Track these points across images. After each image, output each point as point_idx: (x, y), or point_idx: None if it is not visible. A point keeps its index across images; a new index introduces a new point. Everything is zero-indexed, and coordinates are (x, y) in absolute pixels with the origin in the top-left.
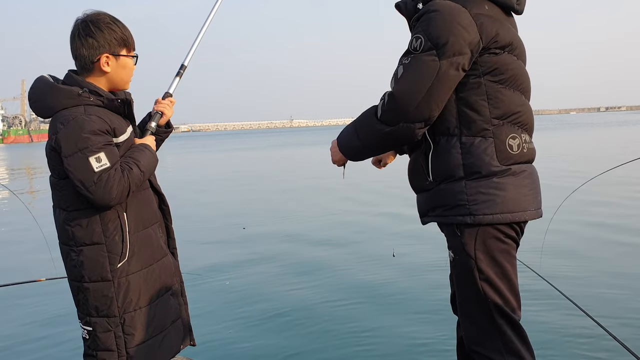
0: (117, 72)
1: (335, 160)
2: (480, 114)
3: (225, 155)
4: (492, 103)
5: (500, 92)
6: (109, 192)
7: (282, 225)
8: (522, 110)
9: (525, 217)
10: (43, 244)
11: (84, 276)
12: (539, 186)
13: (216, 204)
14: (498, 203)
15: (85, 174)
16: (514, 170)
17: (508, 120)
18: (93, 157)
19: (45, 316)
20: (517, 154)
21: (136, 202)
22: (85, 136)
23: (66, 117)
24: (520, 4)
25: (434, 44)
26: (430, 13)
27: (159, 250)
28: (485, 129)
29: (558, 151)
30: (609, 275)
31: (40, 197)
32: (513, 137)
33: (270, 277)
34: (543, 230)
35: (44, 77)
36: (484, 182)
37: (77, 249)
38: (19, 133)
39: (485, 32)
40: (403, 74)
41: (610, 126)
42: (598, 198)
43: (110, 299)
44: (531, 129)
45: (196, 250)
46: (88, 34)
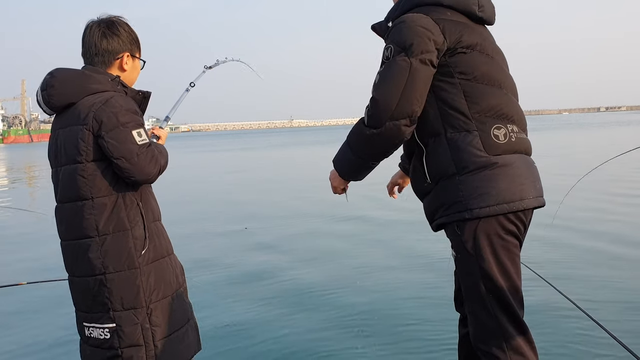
0: (131, 72)
1: (334, 186)
2: (460, 111)
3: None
4: (470, 99)
5: (476, 88)
6: (149, 165)
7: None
8: (503, 103)
9: (524, 205)
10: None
11: (109, 266)
12: (536, 175)
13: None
14: (493, 195)
15: (128, 145)
16: (505, 160)
17: (489, 113)
18: (135, 132)
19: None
20: (505, 142)
21: (147, 194)
22: (126, 112)
23: (102, 98)
24: (483, 12)
25: (402, 47)
26: (396, 25)
27: (169, 245)
28: (468, 123)
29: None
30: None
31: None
32: (498, 128)
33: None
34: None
35: (63, 67)
36: (477, 175)
37: (101, 237)
38: (19, 133)
39: (448, 33)
40: (380, 78)
41: (593, 127)
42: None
43: (137, 288)
44: (519, 121)
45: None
46: (114, 33)
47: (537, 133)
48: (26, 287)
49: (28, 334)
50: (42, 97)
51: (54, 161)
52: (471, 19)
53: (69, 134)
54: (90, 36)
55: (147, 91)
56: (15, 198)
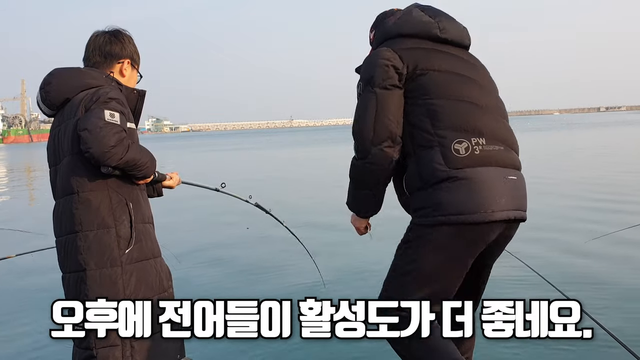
0: (129, 80)
1: (357, 227)
2: (425, 129)
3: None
4: (433, 117)
5: (437, 106)
6: (109, 140)
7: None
8: (470, 117)
9: (482, 218)
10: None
11: (90, 262)
12: (509, 188)
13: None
14: (448, 206)
15: (94, 119)
16: (467, 173)
17: (451, 128)
18: (107, 111)
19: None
20: (466, 156)
21: (138, 196)
22: (108, 98)
23: (94, 91)
24: (446, 33)
25: (367, 81)
26: (363, 63)
27: (157, 248)
28: (430, 140)
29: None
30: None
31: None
32: (459, 142)
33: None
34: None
35: (63, 67)
36: (437, 187)
37: (84, 233)
38: (19, 133)
39: (406, 60)
40: (355, 114)
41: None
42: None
43: (117, 287)
44: (491, 134)
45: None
46: (120, 40)
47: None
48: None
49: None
50: (41, 95)
51: (52, 160)
52: (438, 41)
53: (64, 130)
54: (95, 42)
55: (142, 90)
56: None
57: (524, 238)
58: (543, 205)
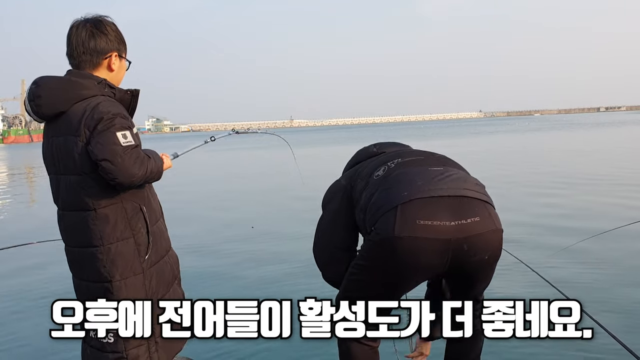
0: (118, 72)
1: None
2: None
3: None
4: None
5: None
6: (133, 166)
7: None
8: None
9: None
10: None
11: (115, 274)
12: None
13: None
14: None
15: (111, 147)
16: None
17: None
18: (120, 133)
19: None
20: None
21: (149, 195)
22: (113, 116)
23: (91, 105)
24: (379, 147)
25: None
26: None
27: (167, 241)
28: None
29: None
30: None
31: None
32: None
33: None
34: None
35: (47, 75)
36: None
37: (106, 247)
38: (19, 133)
39: (347, 179)
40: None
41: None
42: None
43: (142, 292)
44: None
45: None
46: (103, 32)
47: (485, 136)
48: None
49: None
50: (31, 107)
51: (52, 169)
52: (374, 155)
53: (64, 145)
54: (77, 35)
55: (136, 89)
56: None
57: (524, 238)
58: (542, 205)
